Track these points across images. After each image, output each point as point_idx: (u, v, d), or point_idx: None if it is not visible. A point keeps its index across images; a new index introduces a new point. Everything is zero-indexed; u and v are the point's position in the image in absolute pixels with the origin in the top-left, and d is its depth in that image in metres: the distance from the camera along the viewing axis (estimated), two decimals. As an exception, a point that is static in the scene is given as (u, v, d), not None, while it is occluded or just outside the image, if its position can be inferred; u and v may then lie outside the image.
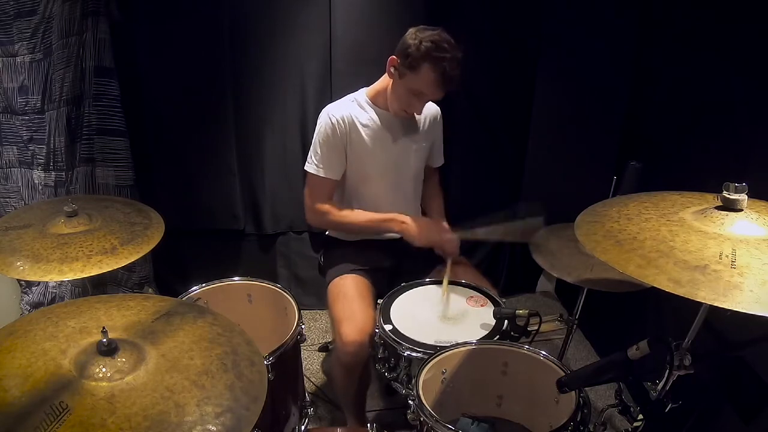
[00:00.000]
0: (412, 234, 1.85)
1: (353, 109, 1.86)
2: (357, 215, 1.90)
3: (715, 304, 0.88)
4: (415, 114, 1.85)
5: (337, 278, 1.89)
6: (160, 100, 2.47)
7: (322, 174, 1.84)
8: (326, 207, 1.89)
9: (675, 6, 2.09)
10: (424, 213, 2.12)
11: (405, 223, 1.86)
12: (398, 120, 1.89)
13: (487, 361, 1.50)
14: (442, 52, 1.66)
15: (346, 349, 1.66)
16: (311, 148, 1.87)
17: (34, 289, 2.47)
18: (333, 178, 1.86)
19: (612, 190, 1.81)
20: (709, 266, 0.93)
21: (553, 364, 1.42)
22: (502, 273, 2.99)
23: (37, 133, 2.29)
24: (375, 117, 1.87)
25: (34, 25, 2.16)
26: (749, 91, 1.67)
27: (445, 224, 1.99)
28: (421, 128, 1.96)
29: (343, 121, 1.82)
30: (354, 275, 1.88)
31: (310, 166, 1.86)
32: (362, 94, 1.90)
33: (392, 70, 1.75)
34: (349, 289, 1.83)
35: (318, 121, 1.86)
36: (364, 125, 1.85)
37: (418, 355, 1.51)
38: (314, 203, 1.89)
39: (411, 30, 1.73)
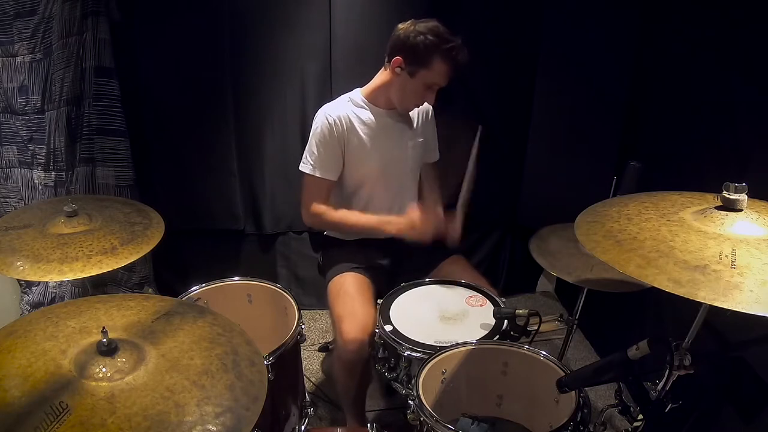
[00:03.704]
0: (411, 235, 1.82)
1: (350, 109, 1.86)
2: (352, 217, 1.88)
3: (715, 304, 0.88)
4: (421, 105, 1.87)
5: (337, 276, 1.88)
6: (160, 100, 2.47)
7: (318, 174, 1.83)
8: (321, 208, 1.87)
9: (675, 6, 2.09)
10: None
11: (401, 225, 1.83)
12: (394, 117, 1.90)
13: (487, 361, 1.50)
14: (448, 42, 1.68)
15: (347, 347, 1.66)
16: (307, 148, 1.86)
17: (34, 289, 2.47)
18: (329, 179, 1.85)
19: (612, 190, 1.80)
20: (709, 266, 0.93)
21: (553, 364, 1.42)
22: (502, 273, 2.99)
23: (37, 133, 2.29)
24: (372, 116, 1.87)
25: (34, 25, 2.16)
26: (749, 91, 1.67)
27: (440, 210, 1.96)
28: (415, 125, 1.97)
29: (341, 120, 1.82)
30: (354, 273, 1.88)
31: (305, 167, 1.85)
32: (358, 94, 1.90)
33: (398, 70, 1.75)
34: (349, 287, 1.83)
35: (314, 122, 1.85)
36: (362, 124, 1.85)
37: (418, 355, 1.51)
38: (310, 204, 1.87)
39: (404, 26, 1.73)
